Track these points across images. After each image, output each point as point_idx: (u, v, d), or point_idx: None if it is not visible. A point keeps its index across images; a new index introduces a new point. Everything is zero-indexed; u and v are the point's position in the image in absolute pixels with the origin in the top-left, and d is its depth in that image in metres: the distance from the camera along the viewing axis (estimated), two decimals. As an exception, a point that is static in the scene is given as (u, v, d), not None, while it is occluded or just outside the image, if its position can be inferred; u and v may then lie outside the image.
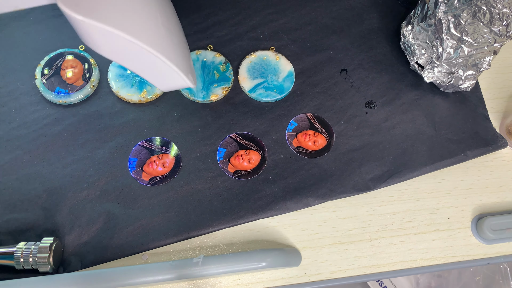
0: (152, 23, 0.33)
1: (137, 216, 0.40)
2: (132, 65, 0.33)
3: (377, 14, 0.51)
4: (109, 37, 0.30)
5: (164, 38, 0.34)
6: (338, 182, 0.43)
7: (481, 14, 0.40)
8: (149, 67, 0.33)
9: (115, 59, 0.32)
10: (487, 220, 0.43)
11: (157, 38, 0.32)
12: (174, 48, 0.35)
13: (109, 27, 0.29)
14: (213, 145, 0.44)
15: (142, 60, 0.32)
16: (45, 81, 0.44)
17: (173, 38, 0.36)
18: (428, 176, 0.45)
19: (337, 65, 0.48)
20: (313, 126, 0.45)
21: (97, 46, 0.31)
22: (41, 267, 0.36)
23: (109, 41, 0.30)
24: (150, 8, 0.34)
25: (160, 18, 0.35)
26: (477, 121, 0.47)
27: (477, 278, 0.74)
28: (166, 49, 0.33)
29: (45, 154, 0.42)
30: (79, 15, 0.28)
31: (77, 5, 0.28)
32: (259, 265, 0.38)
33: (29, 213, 0.40)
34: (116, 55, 0.32)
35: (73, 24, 0.29)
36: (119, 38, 0.30)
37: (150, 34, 0.32)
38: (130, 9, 0.31)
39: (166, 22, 0.36)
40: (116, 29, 0.29)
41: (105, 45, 0.31)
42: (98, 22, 0.29)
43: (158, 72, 0.34)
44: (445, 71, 0.45)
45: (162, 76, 0.34)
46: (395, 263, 0.42)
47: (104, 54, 0.32)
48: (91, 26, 0.29)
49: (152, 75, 0.35)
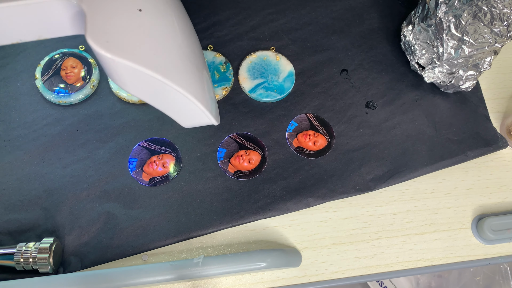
0: (181, 60, 0.32)
1: (137, 217, 0.40)
2: (158, 102, 0.32)
3: (378, 14, 0.51)
4: (139, 75, 0.29)
5: (193, 75, 0.32)
6: (339, 183, 0.43)
7: (482, 15, 0.40)
8: (175, 105, 0.32)
9: (141, 96, 0.31)
10: (487, 221, 0.42)
11: (186, 76, 0.31)
12: (201, 86, 0.33)
13: (140, 66, 0.28)
14: (213, 146, 0.44)
15: (169, 99, 0.31)
16: (45, 81, 0.44)
17: (200, 75, 0.34)
18: (429, 177, 0.45)
19: (337, 65, 0.48)
20: (314, 126, 0.45)
21: (125, 84, 0.30)
22: (41, 268, 0.36)
23: (138, 79, 0.29)
24: (178, 44, 0.33)
25: (188, 53, 0.33)
26: (478, 121, 0.47)
27: (477, 278, 0.74)
28: (195, 87, 0.32)
29: (45, 154, 0.42)
30: (109, 53, 0.27)
31: (107, 42, 0.27)
32: (259, 266, 0.38)
33: (29, 213, 0.40)
34: (143, 93, 0.31)
35: (101, 60, 0.28)
36: (148, 77, 0.29)
37: (179, 72, 0.31)
38: (160, 46, 0.30)
39: (193, 57, 0.34)
40: (146, 68, 0.28)
41: (133, 83, 0.30)
42: (129, 61, 0.28)
43: (183, 110, 0.33)
44: (446, 71, 0.45)
45: (187, 114, 0.33)
46: (396, 263, 0.42)
47: (131, 91, 0.30)
48: (121, 65, 0.28)
49: (177, 113, 0.33)
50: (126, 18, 0.29)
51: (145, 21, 0.30)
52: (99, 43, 0.27)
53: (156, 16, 0.31)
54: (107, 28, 0.28)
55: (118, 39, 0.28)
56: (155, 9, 0.31)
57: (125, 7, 0.29)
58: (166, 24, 0.32)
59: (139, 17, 0.29)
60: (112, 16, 0.28)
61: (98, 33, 0.27)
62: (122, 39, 0.28)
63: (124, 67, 0.28)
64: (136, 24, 0.29)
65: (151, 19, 0.30)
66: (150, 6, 0.30)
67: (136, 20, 0.29)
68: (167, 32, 0.32)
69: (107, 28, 0.28)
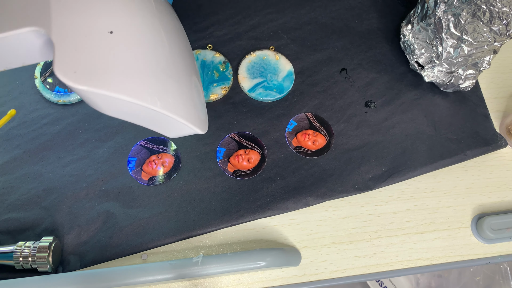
0: (159, 76, 0.31)
1: (136, 216, 0.40)
2: (139, 121, 0.32)
3: (377, 13, 0.51)
4: (111, 101, 0.28)
5: (173, 89, 0.32)
6: (338, 182, 0.43)
7: (481, 13, 0.40)
8: (156, 122, 0.32)
9: (121, 117, 0.31)
10: (487, 220, 0.42)
11: (163, 93, 0.30)
12: (183, 98, 0.33)
13: (110, 92, 0.27)
14: (213, 145, 0.44)
15: (148, 117, 0.31)
16: (44, 80, 0.44)
17: (181, 86, 0.33)
18: (428, 176, 0.45)
19: (336, 65, 0.48)
20: (313, 125, 0.45)
21: (101, 109, 0.29)
22: (40, 267, 0.36)
23: (111, 104, 0.29)
24: (157, 58, 0.32)
25: (169, 65, 0.33)
26: (477, 120, 0.47)
27: (477, 278, 0.74)
28: (175, 102, 0.31)
29: (44, 153, 0.42)
30: (77, 84, 0.26)
31: (75, 72, 0.27)
32: (259, 265, 0.38)
33: (28, 212, 0.40)
34: (122, 114, 0.30)
35: (73, 90, 0.28)
36: (120, 101, 0.28)
37: (156, 89, 0.30)
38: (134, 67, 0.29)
39: (175, 67, 0.34)
40: (117, 93, 0.27)
41: (109, 108, 0.29)
42: (98, 89, 0.27)
43: (166, 125, 0.32)
44: (445, 70, 0.45)
45: (170, 128, 0.33)
46: (395, 262, 0.42)
47: (110, 114, 0.30)
48: (91, 93, 0.27)
49: (161, 128, 0.33)
50: (95, 43, 0.28)
51: (117, 43, 0.29)
52: (66, 75, 0.26)
53: (130, 34, 0.30)
54: (75, 57, 0.27)
55: (87, 67, 0.27)
56: (130, 27, 0.30)
57: (94, 31, 0.28)
58: (142, 41, 0.31)
59: (110, 40, 0.28)
60: (81, 43, 0.28)
61: (65, 64, 0.26)
62: (91, 67, 0.27)
63: (95, 95, 0.27)
64: (106, 47, 0.28)
65: (123, 39, 0.29)
66: (123, 25, 0.29)
67: (106, 43, 0.28)
68: (143, 49, 0.30)
69: (75, 56, 0.27)
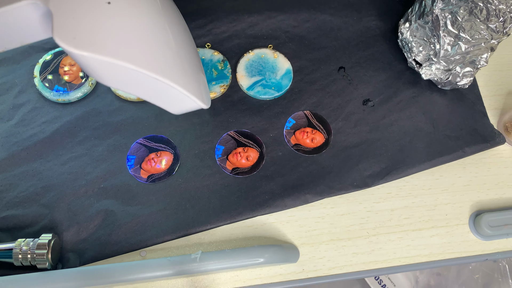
0: (156, 45, 0.31)
1: (135, 213, 0.40)
2: (140, 92, 0.32)
3: (375, 12, 0.51)
4: (112, 68, 0.28)
5: (170, 59, 0.32)
6: (336, 179, 0.43)
7: (478, 11, 0.40)
8: (157, 92, 0.32)
9: (122, 88, 0.31)
10: (484, 217, 0.43)
11: (163, 61, 0.31)
12: (181, 69, 0.33)
13: (110, 58, 0.28)
14: (211, 143, 0.44)
15: (149, 87, 0.31)
16: (43, 79, 0.44)
17: (179, 57, 0.34)
18: (426, 173, 0.45)
19: (335, 63, 0.48)
20: (311, 123, 0.45)
21: (101, 78, 0.29)
22: (39, 264, 0.36)
23: (112, 71, 0.29)
24: (153, 29, 0.32)
25: (166, 37, 0.33)
26: (475, 117, 0.47)
27: (476, 276, 0.74)
28: (172, 71, 0.31)
29: (43, 151, 0.42)
30: (77, 49, 0.27)
31: (75, 38, 0.27)
32: (257, 261, 0.38)
33: (27, 209, 0.40)
34: (122, 85, 0.30)
35: (73, 58, 0.28)
36: (121, 67, 0.28)
37: (155, 58, 0.30)
38: (131, 35, 0.30)
39: (172, 39, 0.34)
40: (117, 59, 0.28)
41: (109, 75, 0.29)
42: (98, 54, 0.27)
43: (167, 96, 0.32)
44: (443, 68, 0.45)
45: (172, 100, 0.33)
46: (393, 259, 0.42)
47: (109, 84, 0.30)
48: (91, 59, 0.27)
49: (163, 101, 0.33)
50: (94, 12, 0.28)
51: (114, 12, 0.29)
52: (66, 40, 0.27)
53: (127, 5, 0.30)
54: (74, 25, 0.27)
55: (86, 34, 0.27)
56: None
57: (92, 1, 0.29)
58: (139, 12, 0.31)
59: (107, 10, 0.29)
60: (79, 12, 0.28)
61: (64, 30, 0.27)
62: (90, 33, 0.28)
63: (95, 61, 0.28)
64: (104, 16, 0.29)
65: (121, 10, 0.30)
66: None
67: (105, 12, 0.29)
68: (139, 20, 0.31)
69: (74, 24, 0.27)
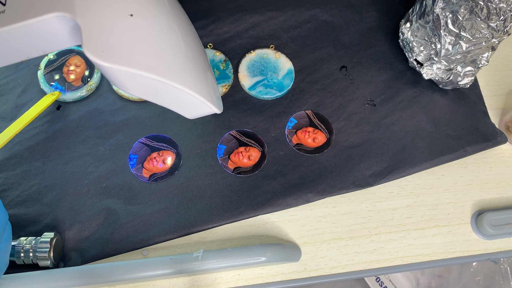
0: (177, 56, 0.33)
1: (137, 212, 0.40)
2: (161, 100, 0.34)
3: (376, 12, 0.51)
4: (137, 78, 0.30)
5: (189, 69, 0.34)
6: (338, 178, 0.43)
7: (478, 10, 0.40)
8: (177, 100, 0.34)
9: (144, 96, 0.33)
10: (486, 216, 0.43)
11: (182, 71, 0.33)
12: (200, 78, 0.35)
13: (136, 70, 0.30)
14: (213, 142, 0.44)
15: (170, 95, 0.33)
16: (46, 73, 0.44)
17: (197, 66, 0.36)
18: (428, 172, 0.45)
19: (336, 63, 0.48)
20: (313, 123, 0.45)
21: (126, 88, 0.31)
22: (41, 262, 0.36)
23: (137, 82, 0.31)
24: (173, 40, 0.34)
25: (184, 48, 0.35)
26: (477, 117, 0.47)
27: (478, 278, 0.74)
28: (193, 81, 0.33)
29: (45, 150, 0.42)
30: (106, 62, 0.29)
31: (103, 51, 0.29)
32: (259, 260, 0.38)
33: (30, 208, 0.40)
34: (145, 93, 0.33)
35: (101, 69, 0.30)
36: (145, 78, 0.30)
37: (176, 68, 0.32)
38: (153, 46, 0.32)
39: (190, 50, 0.36)
40: (142, 70, 0.30)
41: (134, 85, 0.31)
42: (125, 66, 0.29)
43: (185, 103, 0.34)
44: (444, 67, 0.45)
45: (190, 107, 0.35)
46: (395, 258, 0.42)
47: (134, 93, 0.32)
48: (119, 71, 0.29)
49: (180, 107, 0.35)
50: (118, 25, 0.30)
51: (137, 25, 0.31)
52: (96, 54, 0.29)
53: (148, 17, 0.32)
54: (102, 38, 0.29)
55: (113, 47, 0.29)
56: (146, 11, 0.32)
57: (116, 15, 0.31)
58: (159, 24, 0.33)
59: (131, 22, 0.31)
60: (105, 25, 0.30)
61: (93, 44, 0.29)
62: (117, 46, 0.30)
63: (122, 72, 0.30)
64: (128, 29, 0.31)
65: (143, 22, 0.32)
66: (140, 9, 0.32)
67: (128, 25, 0.31)
68: (160, 31, 0.33)
69: (102, 38, 0.29)
